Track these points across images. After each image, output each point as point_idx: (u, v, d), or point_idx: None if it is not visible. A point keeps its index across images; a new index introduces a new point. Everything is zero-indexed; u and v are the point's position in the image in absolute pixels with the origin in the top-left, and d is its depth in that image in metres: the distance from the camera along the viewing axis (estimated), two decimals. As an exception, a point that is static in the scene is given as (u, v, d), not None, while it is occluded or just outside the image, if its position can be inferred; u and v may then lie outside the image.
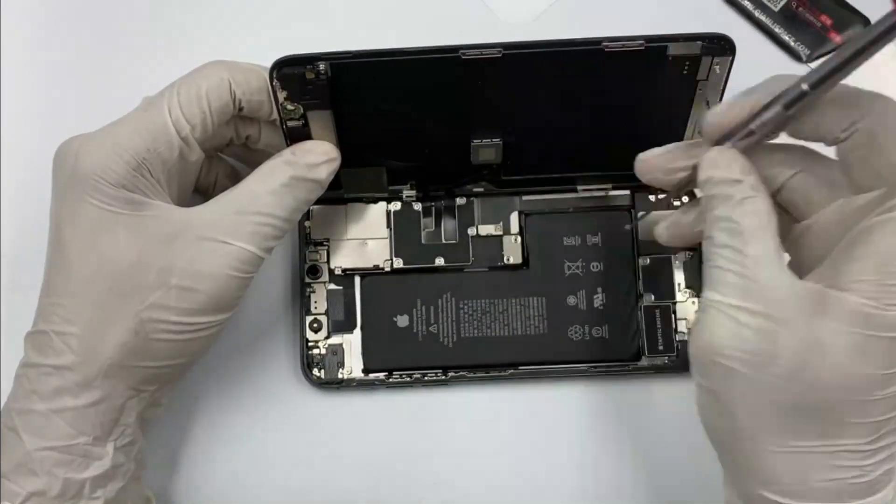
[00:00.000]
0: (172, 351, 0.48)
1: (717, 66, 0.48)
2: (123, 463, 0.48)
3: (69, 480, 0.46)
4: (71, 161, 0.47)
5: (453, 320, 0.55)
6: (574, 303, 0.56)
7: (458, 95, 0.49)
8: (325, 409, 0.56)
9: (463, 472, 0.55)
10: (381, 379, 0.55)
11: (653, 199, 0.56)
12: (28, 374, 0.47)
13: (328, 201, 0.56)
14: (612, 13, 0.59)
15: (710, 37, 0.47)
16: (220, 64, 0.49)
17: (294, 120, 0.49)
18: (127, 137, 0.47)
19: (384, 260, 0.56)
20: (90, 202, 0.46)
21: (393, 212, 0.57)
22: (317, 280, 0.56)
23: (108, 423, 0.47)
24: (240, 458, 0.56)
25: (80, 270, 0.47)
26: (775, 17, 0.59)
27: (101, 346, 0.47)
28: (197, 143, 0.49)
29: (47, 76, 0.60)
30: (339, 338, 0.56)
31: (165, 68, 0.50)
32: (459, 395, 0.56)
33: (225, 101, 0.49)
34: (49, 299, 0.48)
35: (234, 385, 0.56)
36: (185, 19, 0.60)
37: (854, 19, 0.59)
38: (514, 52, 0.46)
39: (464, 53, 0.46)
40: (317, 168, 0.49)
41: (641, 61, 0.47)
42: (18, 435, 0.46)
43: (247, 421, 0.56)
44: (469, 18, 0.60)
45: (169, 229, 0.47)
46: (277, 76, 0.47)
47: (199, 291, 0.47)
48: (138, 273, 0.47)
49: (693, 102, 0.51)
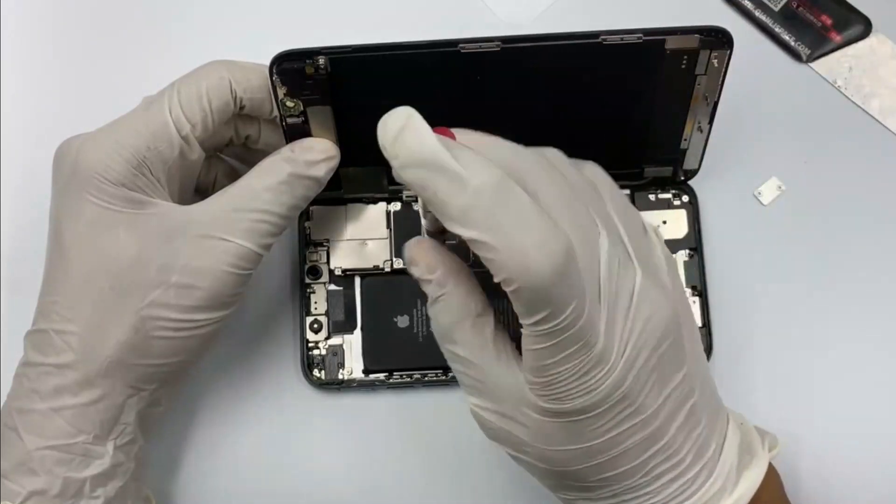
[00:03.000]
0: (172, 348, 0.48)
1: (716, 60, 0.48)
2: (123, 462, 0.48)
3: (69, 479, 0.46)
4: (71, 160, 0.47)
5: (454, 320, 0.55)
6: (575, 302, 0.55)
7: (457, 91, 0.49)
8: (325, 409, 0.56)
9: (463, 472, 0.55)
10: (381, 379, 0.55)
11: (653, 199, 0.56)
12: (28, 373, 0.47)
13: (328, 202, 0.56)
14: (612, 13, 0.60)
15: (707, 30, 0.47)
16: (220, 63, 0.49)
17: (294, 117, 0.49)
18: (127, 136, 0.47)
19: (384, 260, 0.56)
20: (90, 200, 0.46)
21: (393, 212, 0.57)
22: (317, 281, 0.56)
23: (108, 422, 0.47)
24: (240, 458, 0.55)
25: (80, 269, 0.47)
26: (775, 17, 0.59)
27: (101, 345, 0.47)
28: (197, 142, 0.49)
29: (47, 76, 0.60)
30: (339, 338, 0.56)
31: (165, 68, 0.51)
32: (460, 395, 0.55)
33: (225, 99, 0.49)
34: (49, 298, 0.48)
35: (235, 386, 0.56)
36: (186, 19, 0.60)
37: (854, 19, 0.59)
38: (512, 47, 0.47)
39: (463, 47, 0.47)
40: (316, 165, 0.50)
41: (640, 55, 0.47)
42: (18, 434, 0.46)
43: (247, 421, 0.56)
44: (469, 18, 0.60)
45: (168, 227, 0.47)
46: (277, 71, 0.47)
47: (199, 288, 0.47)
48: (138, 271, 0.47)
49: (692, 97, 0.50)
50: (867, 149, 0.58)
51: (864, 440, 0.55)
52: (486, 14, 0.60)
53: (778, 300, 0.57)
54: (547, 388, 0.41)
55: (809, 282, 0.57)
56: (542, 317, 0.39)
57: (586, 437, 0.42)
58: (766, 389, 0.56)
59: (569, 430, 0.42)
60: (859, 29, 0.59)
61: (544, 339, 0.40)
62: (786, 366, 0.56)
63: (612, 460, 0.43)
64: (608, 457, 0.42)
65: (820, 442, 0.55)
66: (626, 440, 0.42)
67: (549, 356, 0.40)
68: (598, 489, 0.44)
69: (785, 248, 0.57)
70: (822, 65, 0.59)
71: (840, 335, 0.56)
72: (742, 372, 0.56)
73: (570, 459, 0.43)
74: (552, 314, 0.39)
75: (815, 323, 0.56)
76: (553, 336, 0.40)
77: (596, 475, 0.43)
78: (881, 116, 0.58)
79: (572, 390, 0.41)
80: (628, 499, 0.44)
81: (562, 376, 0.40)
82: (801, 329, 0.56)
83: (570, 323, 0.39)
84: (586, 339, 0.40)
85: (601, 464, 0.43)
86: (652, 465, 0.43)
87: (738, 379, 0.55)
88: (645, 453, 0.43)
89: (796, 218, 0.58)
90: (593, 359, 0.40)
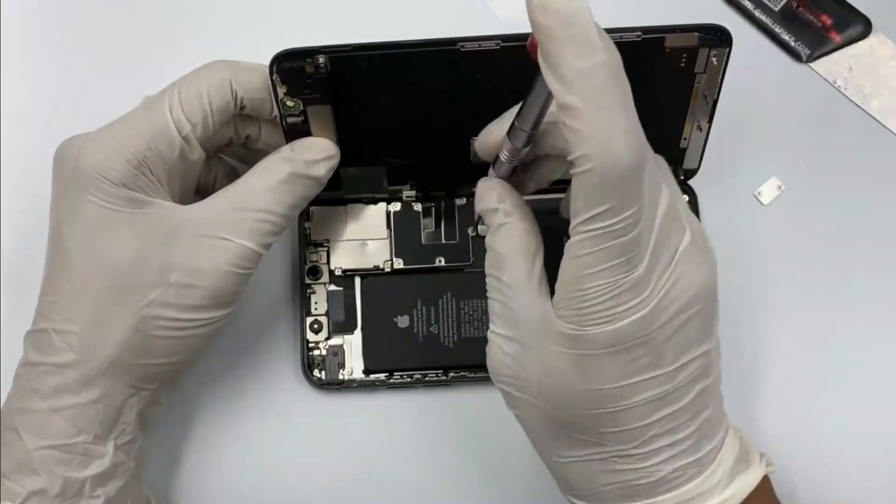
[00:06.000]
0: (172, 348, 0.48)
1: (714, 58, 0.48)
2: (123, 461, 0.48)
3: (69, 479, 0.46)
4: (72, 159, 0.47)
5: (454, 320, 0.55)
6: (575, 302, 0.55)
7: (456, 90, 0.49)
8: (325, 409, 0.56)
9: (464, 472, 0.55)
10: (381, 380, 0.55)
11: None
12: (28, 372, 0.47)
13: (328, 202, 0.56)
14: (612, 14, 0.59)
15: (706, 28, 0.47)
16: (221, 63, 0.50)
17: (294, 116, 0.49)
18: (128, 136, 0.47)
19: (384, 260, 0.56)
20: (91, 200, 0.47)
21: (393, 212, 0.57)
22: (317, 281, 0.56)
23: (109, 422, 0.47)
24: (240, 458, 0.55)
25: (81, 268, 0.47)
26: (775, 17, 0.59)
27: (101, 344, 0.47)
28: (198, 142, 0.49)
29: (47, 76, 0.60)
30: (339, 339, 0.56)
31: (166, 68, 0.51)
32: (460, 395, 0.56)
33: (226, 99, 0.49)
34: (49, 298, 0.48)
35: (235, 386, 0.56)
36: (186, 19, 0.61)
37: (854, 19, 0.59)
38: (512, 45, 0.47)
39: (462, 46, 0.47)
40: (315, 165, 0.50)
41: (639, 54, 0.47)
42: (19, 434, 0.46)
43: (248, 421, 0.56)
44: (469, 19, 0.60)
45: (169, 227, 0.47)
46: (277, 70, 0.47)
47: (199, 288, 0.47)
48: (138, 271, 0.47)
49: (691, 96, 0.51)
50: (867, 149, 0.59)
51: (864, 440, 0.55)
52: (486, 14, 0.60)
53: (777, 300, 0.57)
54: (575, 305, 0.41)
55: (809, 281, 0.57)
56: (601, 210, 0.39)
57: (599, 378, 0.42)
58: (765, 388, 0.56)
59: (584, 366, 0.42)
60: (859, 29, 0.59)
61: (592, 242, 0.40)
62: (785, 365, 0.56)
63: (618, 413, 0.42)
64: (616, 407, 0.42)
65: (816, 441, 0.55)
66: (638, 393, 0.42)
67: (590, 264, 0.40)
68: (592, 446, 0.44)
69: (784, 248, 0.57)
70: (822, 65, 0.59)
71: (840, 334, 0.56)
72: (741, 370, 0.56)
73: (577, 401, 0.43)
74: (612, 210, 0.39)
75: (814, 322, 0.56)
76: (602, 240, 0.39)
77: (596, 427, 0.43)
78: (881, 116, 0.58)
79: (600, 312, 0.41)
80: (621, 466, 0.44)
81: (594, 292, 0.40)
82: (800, 328, 0.56)
83: (624, 228, 0.39)
84: (631, 256, 0.40)
85: (606, 414, 0.42)
86: (653, 432, 0.43)
87: (737, 378, 0.55)
88: (652, 415, 0.42)
89: (796, 218, 0.58)
90: (629, 282, 0.40)
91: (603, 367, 0.42)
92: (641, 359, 0.42)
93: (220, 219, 0.48)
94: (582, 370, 0.42)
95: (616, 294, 0.40)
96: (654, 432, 0.43)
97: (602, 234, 0.39)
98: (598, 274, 0.40)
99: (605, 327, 0.41)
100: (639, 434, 0.43)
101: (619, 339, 0.41)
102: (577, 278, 0.41)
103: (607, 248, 0.40)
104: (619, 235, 0.39)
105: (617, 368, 0.42)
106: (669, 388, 0.42)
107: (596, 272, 0.40)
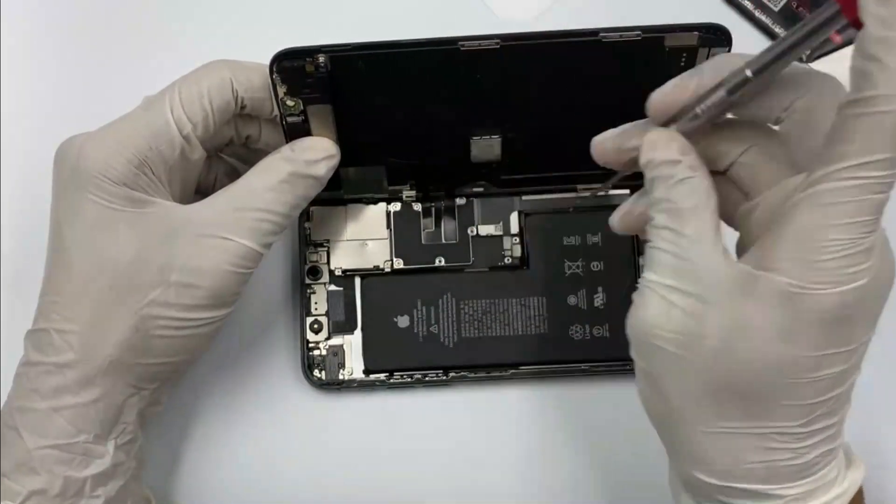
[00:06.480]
0: (172, 347, 0.48)
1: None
2: (124, 461, 0.48)
3: (70, 479, 0.46)
4: (72, 159, 0.47)
5: (454, 320, 0.55)
6: (574, 302, 0.55)
7: (457, 89, 0.49)
8: (325, 410, 0.56)
9: (464, 472, 0.55)
10: (381, 380, 0.55)
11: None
12: (28, 372, 0.47)
13: (328, 202, 0.56)
14: (612, 14, 0.60)
15: (706, 27, 0.47)
16: (221, 63, 0.50)
17: (294, 116, 0.49)
18: (129, 135, 0.47)
19: (384, 260, 0.56)
20: (91, 200, 0.47)
21: (393, 212, 0.57)
22: (317, 281, 0.56)
23: (109, 421, 0.47)
24: (240, 458, 0.55)
25: (81, 268, 0.47)
26: (775, 17, 0.59)
27: (101, 344, 0.47)
28: (198, 142, 0.49)
29: (47, 76, 0.60)
30: (339, 339, 0.56)
31: (166, 68, 0.51)
32: (460, 395, 0.56)
33: (226, 99, 0.49)
34: (49, 297, 0.48)
35: (235, 386, 0.56)
36: (186, 19, 0.61)
37: (853, 19, 0.59)
38: (511, 44, 0.47)
39: (462, 45, 0.47)
40: (316, 164, 0.50)
41: (639, 53, 0.48)
42: (19, 433, 0.46)
43: (247, 422, 0.56)
44: (470, 19, 0.60)
45: (169, 226, 0.47)
46: (277, 69, 0.47)
47: (200, 287, 0.47)
48: (139, 270, 0.47)
49: (691, 95, 0.50)
50: (867, 149, 0.58)
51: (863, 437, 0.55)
52: (486, 14, 0.60)
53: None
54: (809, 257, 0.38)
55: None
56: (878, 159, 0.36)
57: (803, 344, 0.39)
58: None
59: (792, 329, 0.39)
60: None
61: (850, 192, 0.37)
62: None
63: (804, 385, 0.39)
64: (804, 378, 0.39)
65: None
66: (828, 366, 0.39)
67: (837, 215, 0.37)
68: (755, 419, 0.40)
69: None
70: (822, 65, 0.59)
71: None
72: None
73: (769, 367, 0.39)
74: (889, 161, 0.36)
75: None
76: (862, 191, 0.37)
77: (776, 397, 0.39)
78: (881, 116, 0.58)
79: (831, 270, 0.38)
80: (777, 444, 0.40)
81: (834, 246, 0.37)
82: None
83: (887, 184, 0.37)
84: (878, 216, 0.37)
85: (792, 385, 0.39)
86: (820, 412, 0.40)
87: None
88: (827, 393, 0.40)
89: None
90: (867, 243, 0.38)
91: (810, 332, 0.39)
92: (843, 329, 0.39)
93: (220, 218, 0.48)
94: (788, 334, 0.39)
95: (852, 253, 0.37)
96: (820, 412, 0.40)
97: (865, 185, 0.37)
98: (843, 227, 0.37)
99: (832, 288, 0.38)
100: (808, 411, 0.40)
101: (838, 304, 0.38)
102: (818, 228, 0.37)
103: (863, 202, 0.37)
104: (879, 190, 0.37)
105: (822, 336, 0.39)
106: (847, 367, 0.39)
107: (842, 225, 0.37)
